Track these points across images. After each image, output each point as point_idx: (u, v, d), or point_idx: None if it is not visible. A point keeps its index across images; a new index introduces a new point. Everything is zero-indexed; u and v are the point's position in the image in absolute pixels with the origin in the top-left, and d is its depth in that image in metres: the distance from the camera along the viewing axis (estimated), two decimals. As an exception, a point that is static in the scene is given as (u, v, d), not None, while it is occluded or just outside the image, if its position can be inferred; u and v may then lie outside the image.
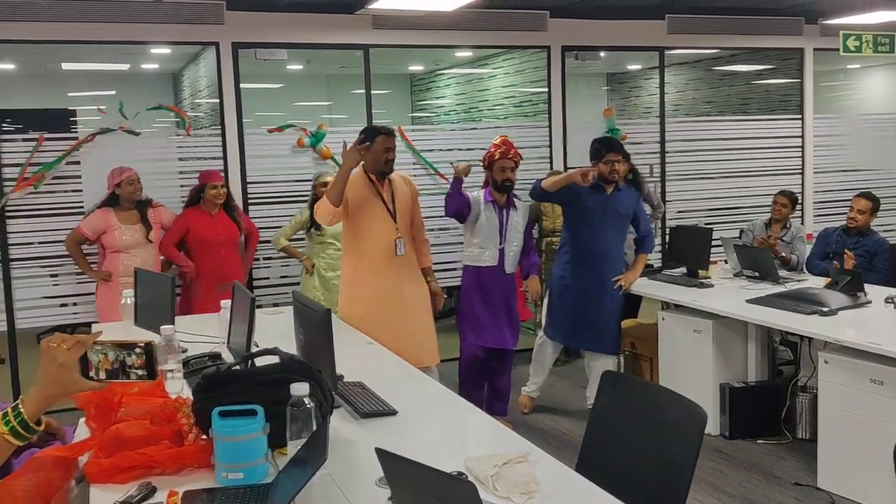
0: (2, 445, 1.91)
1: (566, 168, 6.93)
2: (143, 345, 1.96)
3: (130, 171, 5.54)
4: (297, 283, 6.12)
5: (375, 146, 4.49)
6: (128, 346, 1.96)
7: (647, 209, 6.71)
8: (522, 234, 5.23)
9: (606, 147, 5.25)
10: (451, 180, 5.11)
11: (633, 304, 6.22)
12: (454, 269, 6.44)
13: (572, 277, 5.30)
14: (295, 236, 6.06)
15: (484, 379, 5.27)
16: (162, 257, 5.73)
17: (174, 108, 6.13)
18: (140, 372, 1.96)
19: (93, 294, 5.68)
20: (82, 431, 2.66)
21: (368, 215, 4.51)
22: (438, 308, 4.86)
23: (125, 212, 5.53)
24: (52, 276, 5.86)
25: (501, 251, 5.13)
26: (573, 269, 5.28)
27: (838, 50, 7.19)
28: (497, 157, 5.06)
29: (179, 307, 5.71)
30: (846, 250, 5.58)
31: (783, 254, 5.90)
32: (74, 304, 5.93)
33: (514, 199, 5.22)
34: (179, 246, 5.73)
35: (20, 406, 1.92)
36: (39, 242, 5.79)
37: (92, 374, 1.95)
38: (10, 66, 8.01)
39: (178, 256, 5.68)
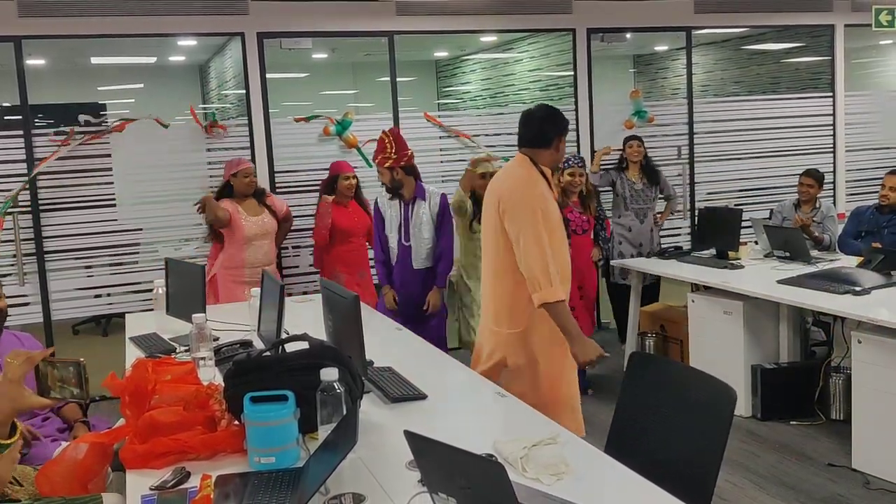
0: None
1: (593, 149, 6.90)
2: (73, 363, 1.98)
3: (247, 165, 5.46)
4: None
5: (562, 144, 3.50)
6: (67, 364, 1.98)
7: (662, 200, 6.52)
8: (433, 227, 4.99)
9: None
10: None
11: (653, 289, 6.26)
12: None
13: None
14: None
15: None
16: None
17: (223, 126, 6.13)
18: (75, 390, 1.99)
19: (126, 285, 5.74)
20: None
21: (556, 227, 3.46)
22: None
23: (244, 201, 5.42)
24: (86, 267, 5.95)
25: (408, 248, 4.95)
26: None
27: (870, 25, 7.07)
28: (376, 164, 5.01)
29: None
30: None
31: (816, 234, 5.82)
32: (108, 294, 6.02)
33: (425, 190, 5.00)
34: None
35: None
36: (72, 235, 5.86)
37: (55, 392, 1.97)
38: (40, 62, 8.09)
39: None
